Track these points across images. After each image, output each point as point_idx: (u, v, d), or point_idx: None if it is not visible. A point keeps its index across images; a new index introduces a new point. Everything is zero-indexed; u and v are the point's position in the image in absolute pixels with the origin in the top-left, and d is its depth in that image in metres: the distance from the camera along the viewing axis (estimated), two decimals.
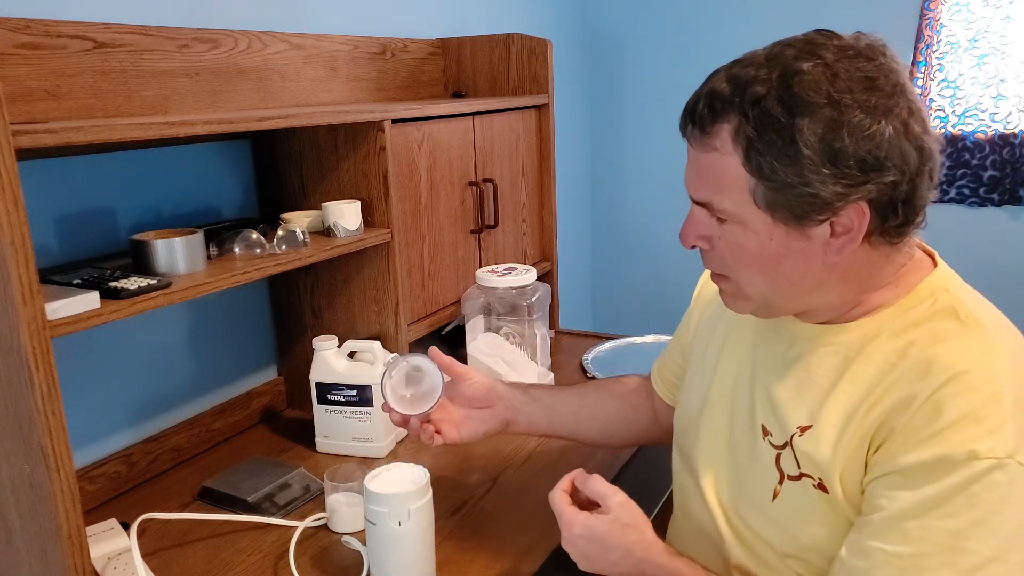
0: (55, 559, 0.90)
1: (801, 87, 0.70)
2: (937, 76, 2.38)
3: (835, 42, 0.73)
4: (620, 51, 2.88)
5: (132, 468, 1.31)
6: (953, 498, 0.67)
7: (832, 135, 0.70)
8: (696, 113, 0.76)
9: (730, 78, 0.74)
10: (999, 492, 0.66)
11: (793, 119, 0.70)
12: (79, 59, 1.17)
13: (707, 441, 0.94)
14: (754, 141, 0.72)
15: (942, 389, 0.70)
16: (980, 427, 0.67)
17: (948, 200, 2.44)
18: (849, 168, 0.70)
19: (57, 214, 1.18)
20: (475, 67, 1.96)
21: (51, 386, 0.86)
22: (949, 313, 0.75)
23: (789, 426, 0.82)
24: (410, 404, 1.04)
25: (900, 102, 0.71)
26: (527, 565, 1.06)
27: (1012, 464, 0.66)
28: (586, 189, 3.04)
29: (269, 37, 1.49)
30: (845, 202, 0.72)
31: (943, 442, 0.68)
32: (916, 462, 0.69)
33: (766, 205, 0.74)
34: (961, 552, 0.67)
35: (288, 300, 1.55)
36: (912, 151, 0.71)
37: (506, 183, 1.82)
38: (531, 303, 1.60)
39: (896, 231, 0.75)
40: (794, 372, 0.83)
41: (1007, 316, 0.79)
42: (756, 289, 0.81)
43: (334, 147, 1.41)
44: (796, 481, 0.81)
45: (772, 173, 0.72)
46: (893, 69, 0.72)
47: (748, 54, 0.76)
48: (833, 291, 0.79)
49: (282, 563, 1.08)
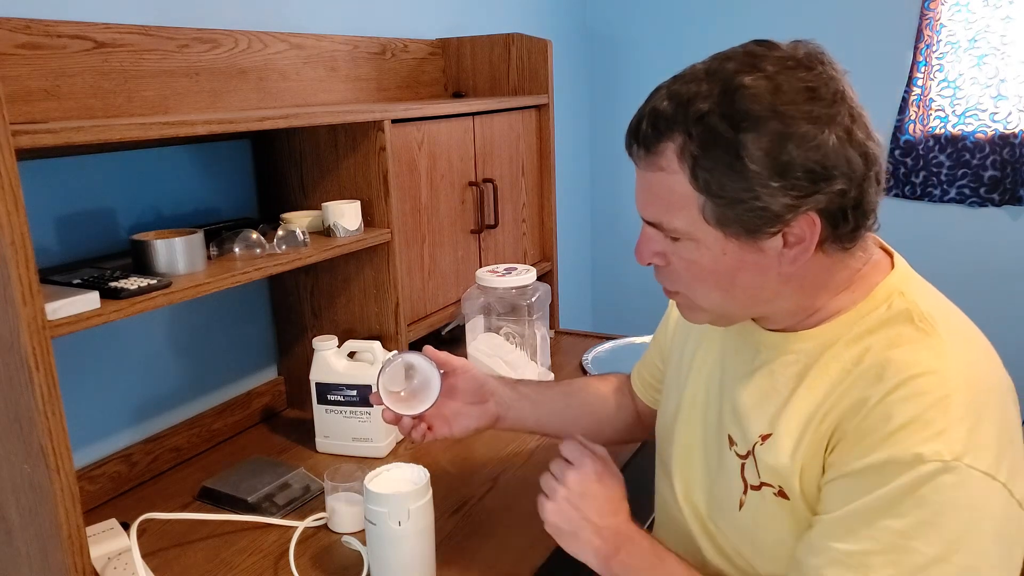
0: (55, 559, 0.90)
1: (744, 101, 0.70)
2: (937, 76, 2.38)
3: (775, 53, 0.73)
4: (620, 51, 2.88)
5: (132, 468, 1.31)
6: (901, 499, 0.68)
7: (778, 148, 0.70)
8: (640, 133, 0.76)
9: (671, 95, 0.74)
10: (946, 494, 0.67)
11: (738, 134, 0.70)
12: (79, 59, 1.17)
13: (681, 449, 0.95)
14: (700, 159, 0.72)
15: (893, 393, 0.71)
16: (927, 430, 0.68)
17: (948, 200, 2.44)
18: (797, 179, 0.70)
19: (57, 214, 1.18)
20: (475, 67, 1.96)
21: (51, 386, 0.86)
22: (904, 318, 0.76)
23: (751, 435, 0.82)
24: (404, 403, 1.03)
25: (842, 110, 0.71)
26: (527, 565, 1.06)
27: (960, 467, 0.67)
28: (586, 189, 3.04)
29: (269, 37, 1.49)
30: (795, 214, 0.72)
31: (892, 446, 0.69)
32: (866, 465, 0.70)
33: (716, 221, 0.74)
34: (906, 551, 0.68)
35: (288, 300, 1.55)
36: (857, 157, 0.72)
37: (506, 183, 1.82)
38: (531, 303, 1.60)
39: (848, 236, 0.75)
40: (757, 381, 0.84)
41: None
42: (711, 302, 0.81)
43: (334, 147, 1.41)
44: (757, 491, 0.82)
45: (720, 189, 0.72)
46: (832, 77, 0.72)
47: (688, 69, 0.76)
48: (790, 299, 0.80)
49: (282, 563, 1.08)
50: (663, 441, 1.00)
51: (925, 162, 2.43)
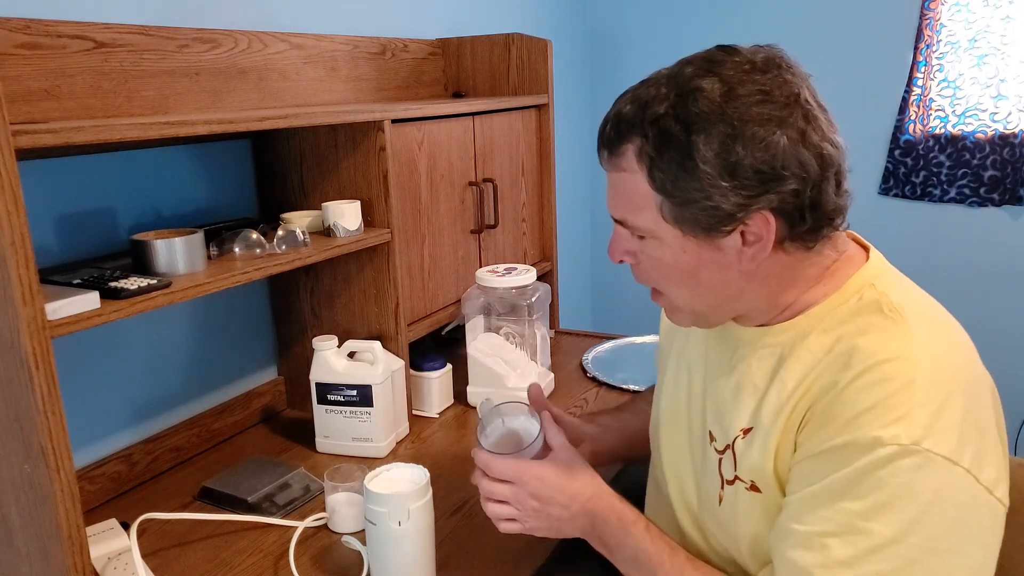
0: (55, 559, 0.90)
1: (696, 105, 0.73)
2: (937, 76, 2.37)
3: (734, 58, 0.75)
4: (620, 51, 2.88)
5: (132, 468, 1.31)
6: (860, 481, 0.70)
7: (727, 149, 0.72)
8: (605, 135, 0.80)
9: (634, 99, 0.78)
10: (903, 477, 0.68)
11: (690, 136, 0.73)
12: (79, 59, 1.17)
13: (671, 447, 0.96)
14: (655, 160, 0.75)
15: (859, 379, 0.72)
16: (889, 415, 0.70)
17: (948, 200, 2.44)
18: (747, 180, 0.73)
19: (57, 214, 1.18)
20: (475, 67, 1.96)
21: (51, 386, 0.86)
22: (873, 308, 0.77)
23: (732, 430, 0.84)
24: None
25: (795, 112, 0.73)
26: (527, 565, 1.06)
27: (920, 451, 0.68)
28: (586, 189, 3.04)
29: (269, 37, 1.49)
30: (747, 212, 0.74)
31: (854, 430, 0.71)
32: (829, 447, 0.72)
33: (674, 220, 0.77)
34: (863, 532, 0.69)
35: (288, 300, 1.55)
36: (811, 158, 0.73)
37: (506, 183, 1.82)
38: (531, 303, 1.60)
39: (809, 236, 0.77)
40: (736, 376, 0.85)
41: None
42: (683, 300, 0.84)
43: (334, 147, 1.41)
44: (731, 485, 0.83)
45: (674, 189, 0.75)
46: (787, 81, 0.74)
47: (654, 74, 0.79)
48: (758, 296, 0.81)
49: (282, 563, 1.08)
50: (655, 439, 1.01)
51: (925, 162, 2.43)
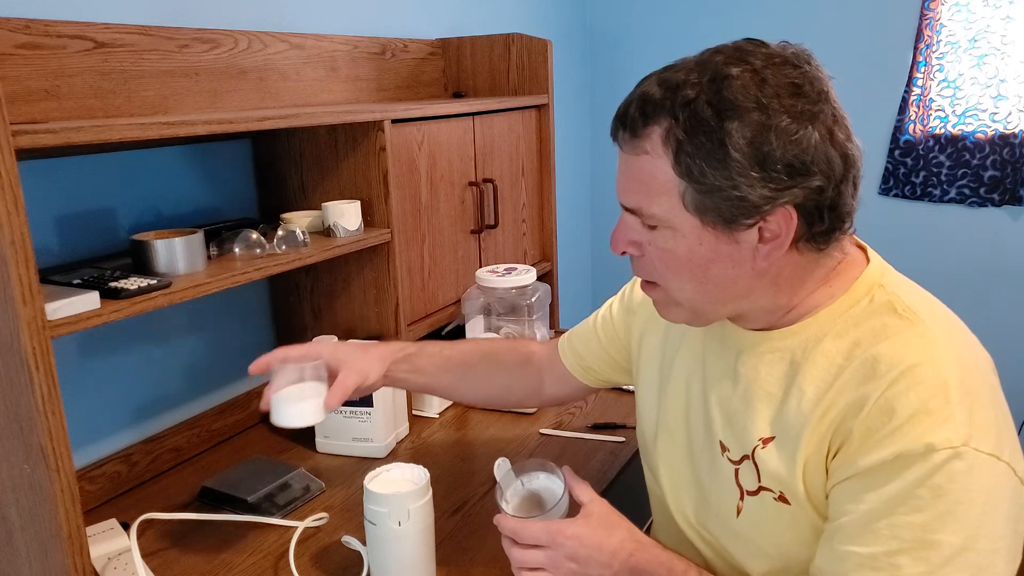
0: (55, 559, 0.90)
1: (730, 91, 0.71)
2: (937, 76, 2.37)
3: (763, 50, 0.74)
4: (620, 51, 2.88)
5: (132, 468, 1.31)
6: (917, 492, 0.68)
7: (760, 139, 0.70)
8: (627, 117, 0.77)
9: (661, 82, 0.75)
10: (960, 480, 0.67)
11: (722, 122, 0.71)
12: (79, 59, 1.17)
13: (668, 457, 0.94)
14: (684, 143, 0.73)
15: (891, 387, 0.71)
16: (932, 419, 0.68)
17: (948, 200, 2.44)
18: (777, 172, 0.71)
19: (57, 214, 1.18)
20: (475, 67, 1.96)
21: (51, 386, 0.86)
22: (887, 309, 0.76)
23: (749, 440, 0.82)
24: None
25: (825, 109, 0.72)
26: None
27: (968, 451, 0.67)
28: (586, 189, 3.04)
29: (269, 37, 1.49)
30: (772, 206, 0.72)
31: (900, 439, 0.69)
32: (877, 462, 0.70)
33: (695, 208, 0.75)
34: (932, 545, 0.68)
35: (288, 300, 1.55)
36: (837, 157, 0.73)
37: (506, 183, 1.82)
38: (531, 303, 1.60)
39: (822, 237, 0.76)
40: (745, 383, 0.83)
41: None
42: (686, 295, 0.81)
43: (334, 147, 1.41)
44: (755, 496, 0.81)
45: (701, 176, 0.73)
46: (818, 77, 0.74)
47: (679, 60, 0.77)
48: (764, 296, 0.80)
49: (282, 563, 1.08)
50: (647, 451, 1.00)
51: (925, 162, 2.43)
